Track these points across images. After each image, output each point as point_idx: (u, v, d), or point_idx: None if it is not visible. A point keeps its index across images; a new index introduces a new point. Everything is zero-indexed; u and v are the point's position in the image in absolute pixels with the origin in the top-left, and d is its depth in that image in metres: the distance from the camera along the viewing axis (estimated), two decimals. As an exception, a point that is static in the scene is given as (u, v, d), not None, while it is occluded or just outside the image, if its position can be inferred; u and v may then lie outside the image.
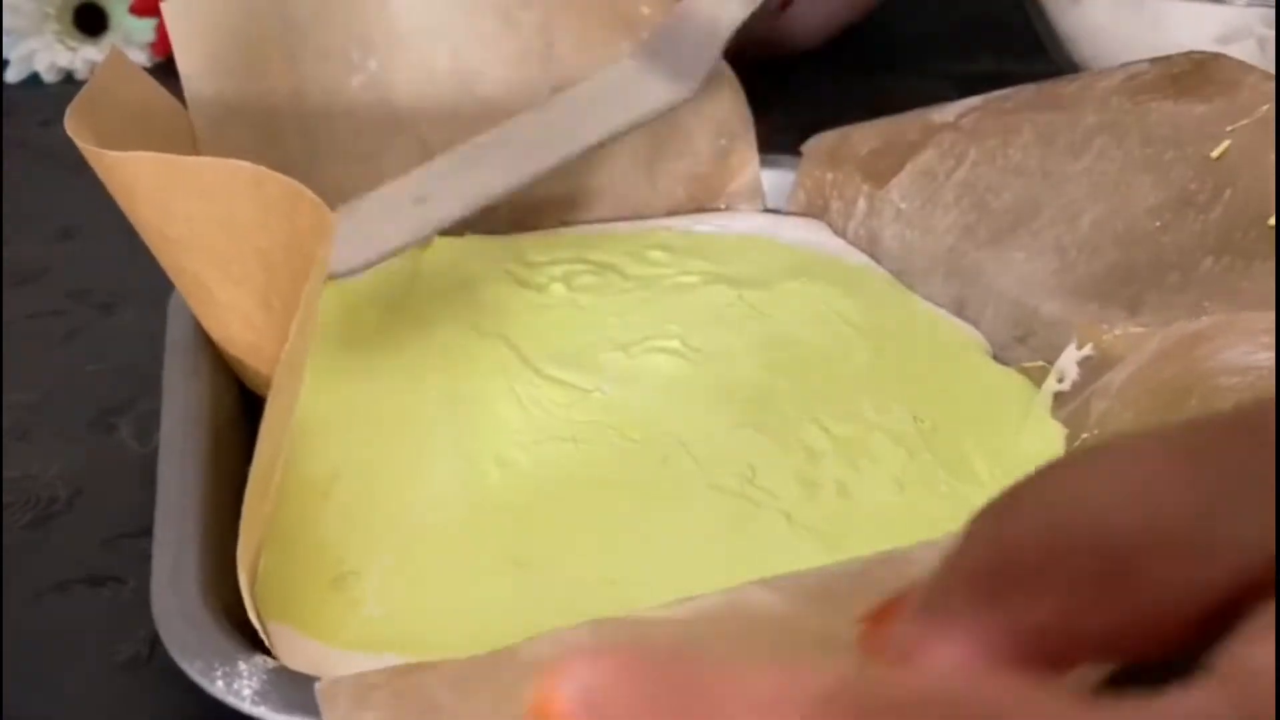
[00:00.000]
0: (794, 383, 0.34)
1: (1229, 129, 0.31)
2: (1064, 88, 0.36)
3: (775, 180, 0.44)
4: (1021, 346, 0.35)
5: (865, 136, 0.42)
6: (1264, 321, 0.27)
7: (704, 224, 0.44)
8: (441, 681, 0.21)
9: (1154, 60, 0.35)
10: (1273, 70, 0.33)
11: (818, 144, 0.44)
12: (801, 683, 0.12)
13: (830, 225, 0.43)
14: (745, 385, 0.34)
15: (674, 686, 0.12)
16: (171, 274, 0.32)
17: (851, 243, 0.42)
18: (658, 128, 0.43)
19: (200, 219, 0.28)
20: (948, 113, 0.39)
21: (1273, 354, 0.25)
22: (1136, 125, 0.34)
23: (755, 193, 0.44)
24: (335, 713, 0.20)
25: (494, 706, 0.20)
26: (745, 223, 0.44)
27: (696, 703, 0.12)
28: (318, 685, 0.21)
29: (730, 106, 0.44)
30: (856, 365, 0.35)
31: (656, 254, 0.41)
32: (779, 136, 0.45)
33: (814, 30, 0.61)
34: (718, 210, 0.44)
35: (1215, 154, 0.31)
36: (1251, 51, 0.46)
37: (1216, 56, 0.34)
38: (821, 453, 0.31)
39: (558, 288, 0.39)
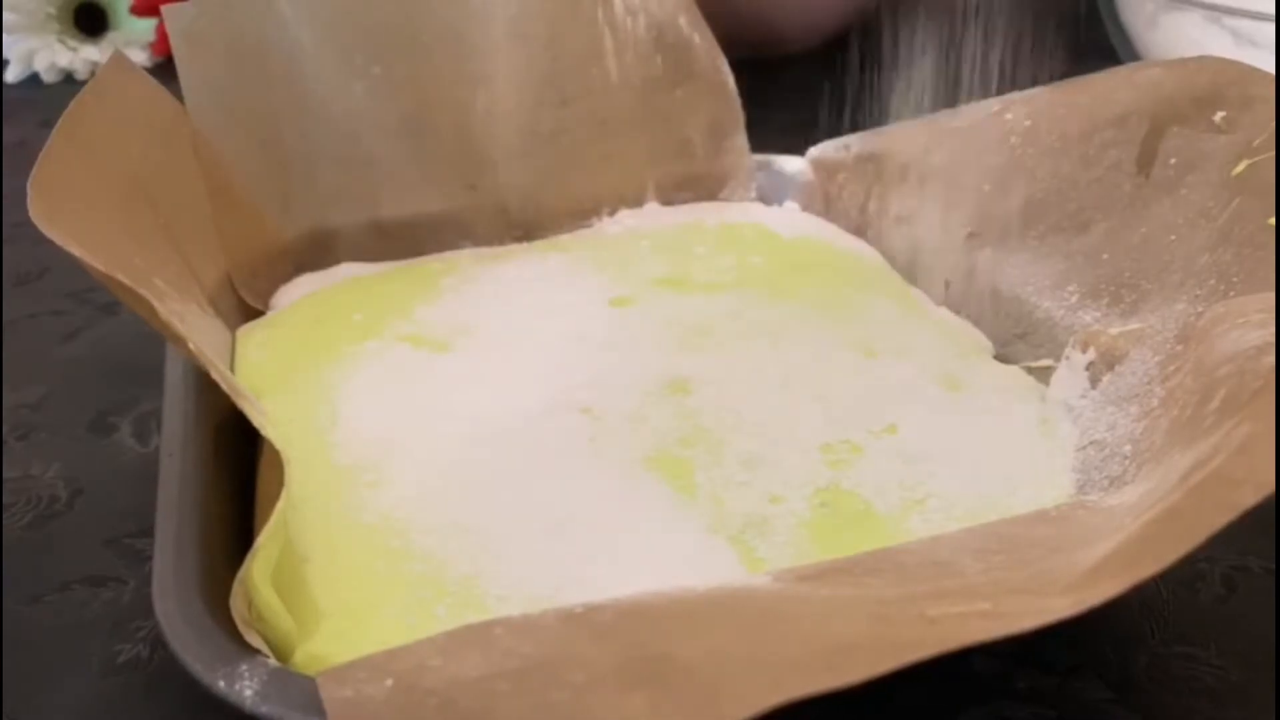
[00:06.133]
0: (794, 393, 0.33)
1: (1254, 143, 0.31)
2: (1078, 96, 0.36)
3: (773, 180, 0.45)
4: (1022, 343, 0.35)
5: (874, 140, 0.42)
6: (1257, 303, 0.26)
7: (705, 217, 0.43)
8: (432, 649, 0.21)
9: (1168, 68, 0.34)
10: None
11: (825, 146, 0.44)
12: None
13: (835, 224, 0.43)
14: (745, 398, 0.33)
15: None
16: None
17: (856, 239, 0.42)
18: (653, 129, 0.43)
19: None
20: (961, 118, 0.39)
21: (1262, 331, 0.25)
22: (1156, 148, 0.33)
23: (750, 190, 0.44)
24: (341, 692, 0.20)
25: (484, 657, 0.20)
26: (742, 218, 0.43)
27: None
28: (318, 676, 0.21)
29: (724, 104, 0.44)
30: (859, 368, 0.35)
31: (657, 256, 0.41)
32: (777, 136, 0.46)
33: (811, 31, 0.61)
34: (715, 204, 0.44)
35: (1236, 172, 0.31)
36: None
37: (1235, 68, 0.33)
38: (830, 465, 0.31)
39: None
